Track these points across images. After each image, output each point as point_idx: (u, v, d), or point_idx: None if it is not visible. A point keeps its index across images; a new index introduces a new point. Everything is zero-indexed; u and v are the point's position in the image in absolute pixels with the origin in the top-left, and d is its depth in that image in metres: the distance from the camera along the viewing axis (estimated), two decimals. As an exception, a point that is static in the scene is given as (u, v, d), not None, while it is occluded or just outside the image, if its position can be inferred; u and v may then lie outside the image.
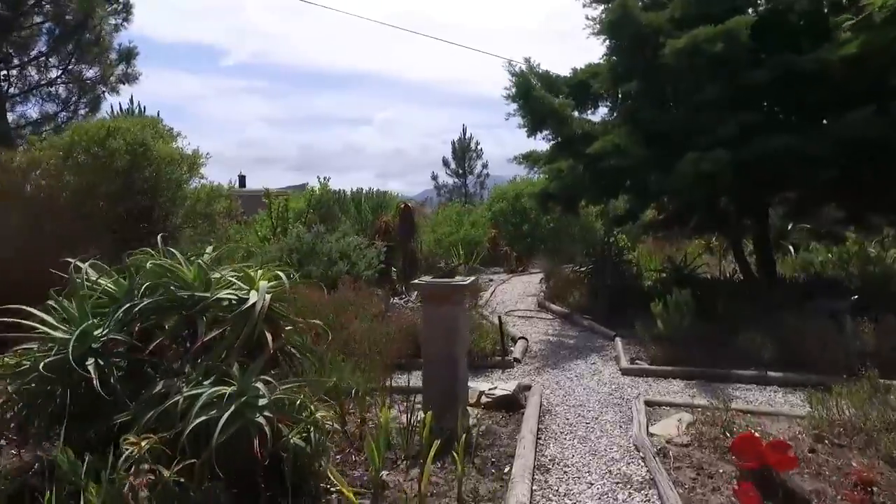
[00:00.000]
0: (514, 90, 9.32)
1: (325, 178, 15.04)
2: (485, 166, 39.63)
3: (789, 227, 14.84)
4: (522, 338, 7.93)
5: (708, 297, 8.60)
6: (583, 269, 11.44)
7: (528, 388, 5.83)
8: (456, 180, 40.39)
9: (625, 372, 6.44)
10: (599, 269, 10.28)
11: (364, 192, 13.89)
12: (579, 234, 19.70)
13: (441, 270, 16.24)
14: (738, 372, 6.07)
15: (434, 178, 39.96)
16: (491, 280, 15.59)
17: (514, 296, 12.80)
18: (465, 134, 40.40)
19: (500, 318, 7.35)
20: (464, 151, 40.20)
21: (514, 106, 9.69)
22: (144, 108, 30.78)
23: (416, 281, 4.79)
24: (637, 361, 6.64)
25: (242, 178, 35.23)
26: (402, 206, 11.30)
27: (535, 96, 9.18)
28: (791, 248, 14.28)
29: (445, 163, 40.40)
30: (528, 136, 9.79)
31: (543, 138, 10.06)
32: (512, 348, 7.61)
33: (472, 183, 40.22)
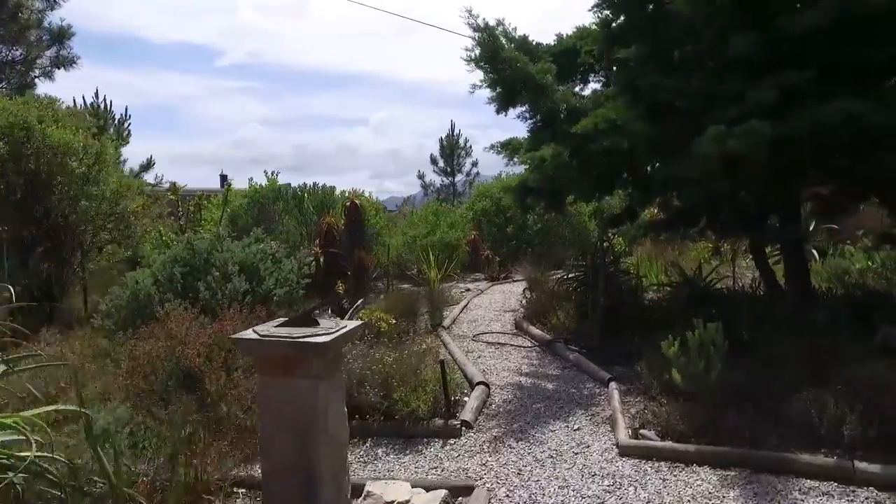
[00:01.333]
0: (477, 51, 7.09)
1: (273, 174, 12.88)
2: (474, 164, 37.37)
3: (811, 228, 12.65)
4: (482, 383, 5.70)
5: (732, 322, 6.43)
6: (570, 278, 9.21)
7: (468, 491, 3.59)
8: (444, 179, 38.14)
9: (624, 451, 4.20)
10: (590, 281, 8.05)
11: (308, 187, 11.67)
12: (571, 236, 17.51)
13: (412, 279, 14.06)
14: (801, 457, 3.83)
15: (421, 176, 37.73)
16: (467, 290, 13.37)
17: (490, 311, 10.58)
18: (453, 131, 38.15)
19: (442, 363, 5.12)
20: (452, 149, 37.95)
21: (480, 75, 7.47)
22: (110, 102, 28.69)
23: (239, 335, 2.61)
24: (643, 433, 4.38)
25: (224, 178, 33.02)
26: (349, 203, 9.07)
27: (505, 58, 6.97)
28: (815, 252, 12.08)
29: (433, 161, 38.13)
30: (499, 112, 7.58)
31: (519, 116, 7.85)
32: (466, 398, 5.39)
33: (462, 182, 37.99)
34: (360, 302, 8.03)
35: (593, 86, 9.00)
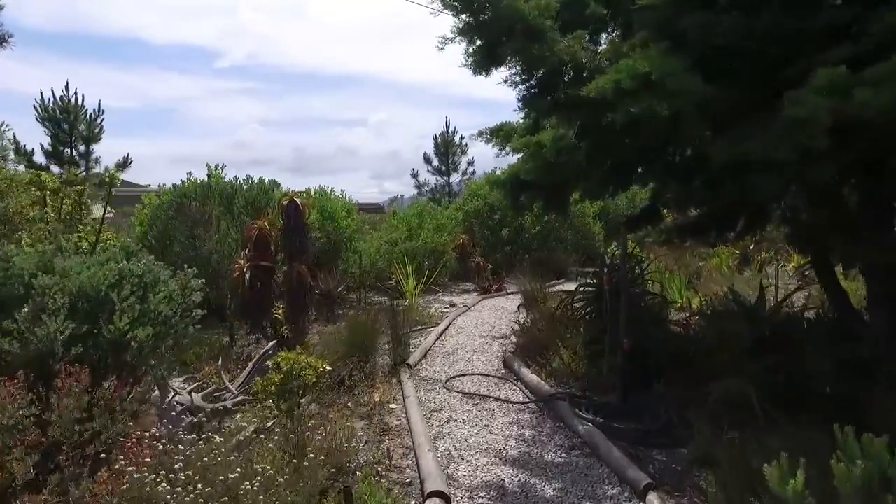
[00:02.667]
0: (445, -18, 4.85)
1: (218, 167, 10.58)
2: (470, 163, 35.08)
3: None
4: (438, 495, 3.42)
5: (815, 374, 4.27)
6: (577, 299, 6.99)
7: None
8: (439, 178, 35.86)
9: None
10: (605, 307, 5.78)
11: (240, 181, 9.40)
12: (573, 240, 15.28)
13: (390, 292, 11.85)
14: None
15: (415, 175, 35.43)
16: (451, 305, 11.13)
17: (474, 337, 8.34)
18: (447, 128, 35.84)
19: (345, 491, 2.88)
20: (447, 147, 35.66)
21: (452, 23, 5.23)
22: (82, 97, 26.41)
23: None
24: None
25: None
26: (286, 201, 6.84)
27: (483, -10, 4.74)
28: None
29: (427, 159, 35.83)
30: (478, 73, 5.32)
31: (507, 81, 5.59)
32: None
33: (458, 182, 35.71)
34: (270, 346, 5.79)
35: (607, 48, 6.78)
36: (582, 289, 6.85)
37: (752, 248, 12.02)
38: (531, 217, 14.76)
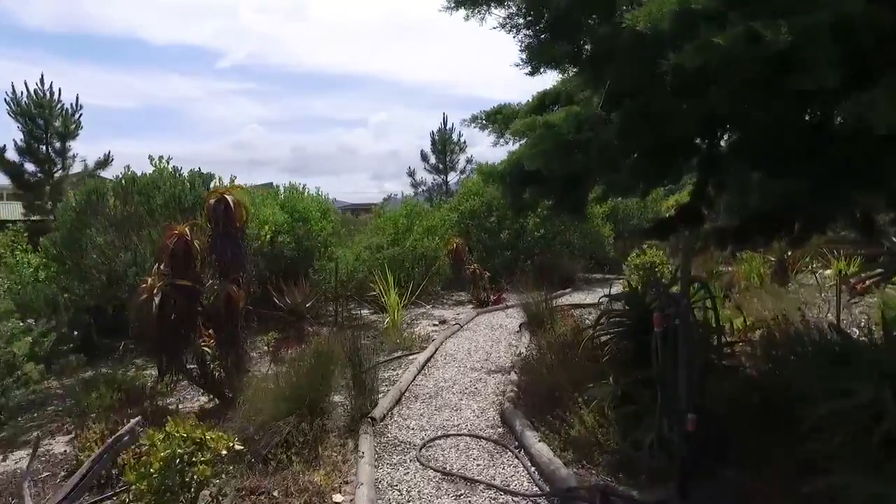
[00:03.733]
0: None
1: (163, 159, 8.83)
2: (469, 161, 33.29)
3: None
4: None
5: None
6: (601, 333, 5.25)
7: None
8: (436, 177, 34.12)
9: None
10: (656, 344, 3.98)
11: (166, 174, 7.63)
12: (580, 244, 13.52)
13: (373, 304, 10.13)
14: None
15: (411, 174, 33.71)
16: (441, 322, 9.39)
17: (466, 370, 6.60)
18: (445, 124, 34.09)
19: None
20: (444, 144, 33.88)
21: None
22: (59, 90, 24.69)
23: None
24: None
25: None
26: (213, 200, 5.09)
27: None
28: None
29: (424, 157, 34.07)
30: (460, 7, 3.61)
31: (505, 24, 3.87)
32: None
33: (455, 181, 33.93)
34: (132, 423, 3.98)
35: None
36: (608, 318, 5.09)
37: (789, 253, 10.27)
38: (534, 219, 13.02)
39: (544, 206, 6.01)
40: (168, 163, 8.11)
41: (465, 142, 34.65)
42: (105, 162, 25.37)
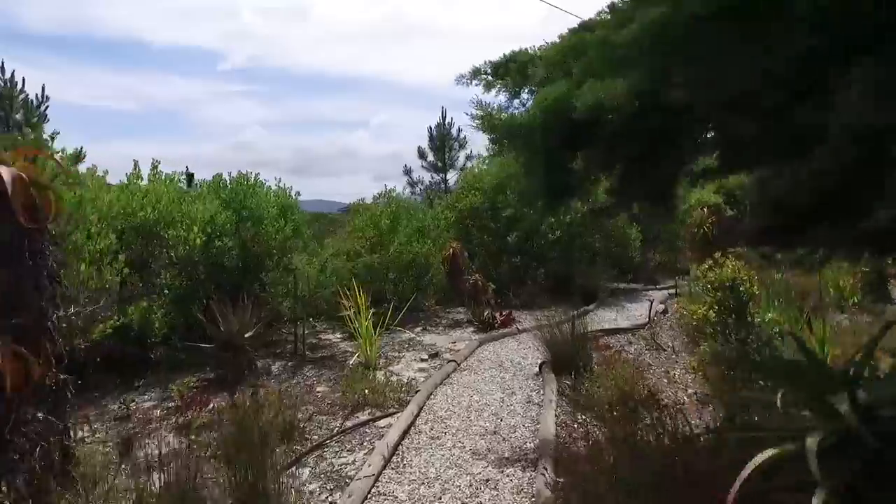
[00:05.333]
0: None
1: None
2: (469, 158, 30.71)
3: None
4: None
5: None
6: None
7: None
8: (434, 175, 31.59)
9: None
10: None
11: None
12: (604, 249, 11.04)
13: (337, 322, 7.67)
14: None
15: (407, 172, 31.11)
16: (433, 357, 6.90)
17: (465, 457, 4.10)
18: (444, 119, 31.54)
19: None
20: (443, 140, 31.32)
21: None
22: (23, 80, 22.30)
23: None
24: None
25: (190, 177, 26.67)
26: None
27: None
28: None
29: (421, 154, 31.52)
30: None
31: None
32: None
33: (455, 179, 31.40)
34: None
35: None
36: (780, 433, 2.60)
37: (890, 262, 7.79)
38: (554, 218, 10.54)
39: (605, 184, 3.56)
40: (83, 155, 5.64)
41: (465, 138, 32.03)
42: (77, 157, 22.86)
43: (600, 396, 4.54)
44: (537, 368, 6.01)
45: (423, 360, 6.77)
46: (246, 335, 6.39)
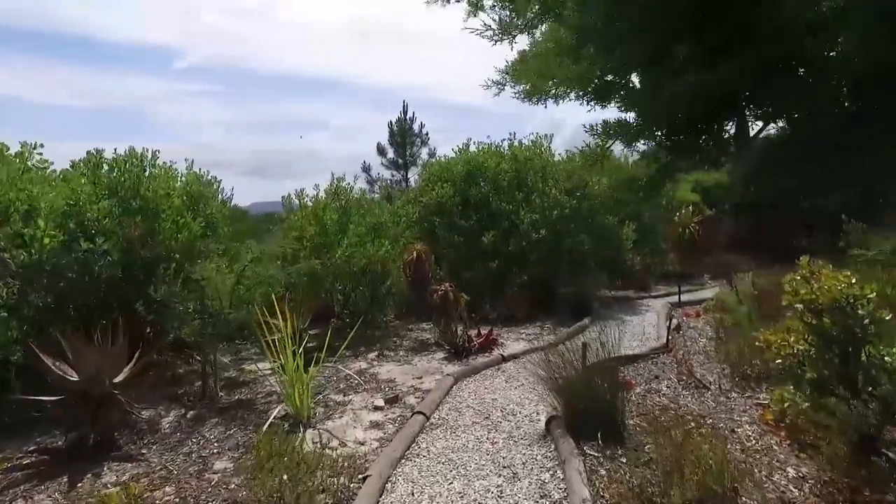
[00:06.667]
0: None
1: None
2: (431, 154, 28.78)
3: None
4: None
5: None
6: None
7: None
8: (394, 172, 29.52)
9: None
10: None
11: None
12: (593, 249, 9.24)
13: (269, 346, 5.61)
14: None
15: (366, 169, 28.87)
16: (390, 404, 4.89)
17: None
18: (405, 114, 29.61)
19: None
20: (404, 136, 29.34)
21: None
22: None
23: None
24: None
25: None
26: None
27: None
28: None
29: (381, 150, 29.43)
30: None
31: None
32: None
33: (416, 178, 29.35)
34: None
35: None
36: None
37: None
38: (531, 213, 8.70)
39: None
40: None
41: (426, 134, 30.14)
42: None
43: (661, 488, 2.66)
44: (543, 425, 4.10)
45: (377, 407, 4.77)
46: (116, 379, 4.30)
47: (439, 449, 3.84)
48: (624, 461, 3.43)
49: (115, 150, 5.85)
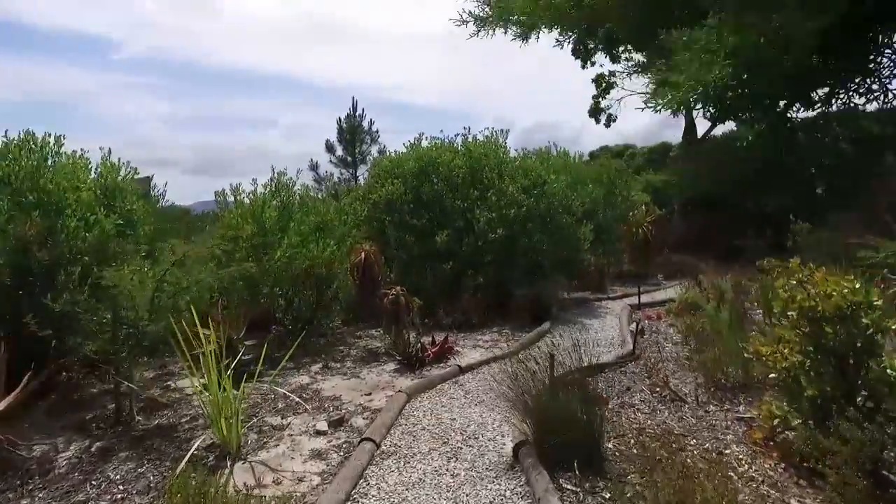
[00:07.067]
0: None
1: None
2: (382, 152, 28.01)
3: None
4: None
5: None
6: None
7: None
8: (343, 171, 28.63)
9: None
10: None
11: None
12: (552, 249, 8.84)
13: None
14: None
15: (313, 167, 27.89)
16: (334, 427, 4.26)
17: None
18: (354, 110, 28.77)
19: None
20: (353, 133, 28.48)
21: None
22: None
23: None
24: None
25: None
26: None
27: None
28: None
29: (329, 147, 28.44)
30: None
31: None
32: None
33: (366, 174, 28.55)
34: None
35: None
36: None
37: None
38: (487, 213, 8.22)
39: None
40: None
41: (377, 131, 29.38)
42: None
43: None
44: (510, 450, 3.57)
45: (320, 431, 4.14)
46: (-5, 409, 3.52)
47: (391, 486, 3.26)
48: (607, 496, 2.94)
49: (6, 132, 4.98)
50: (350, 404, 4.70)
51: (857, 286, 3.02)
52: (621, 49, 17.82)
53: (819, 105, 15.62)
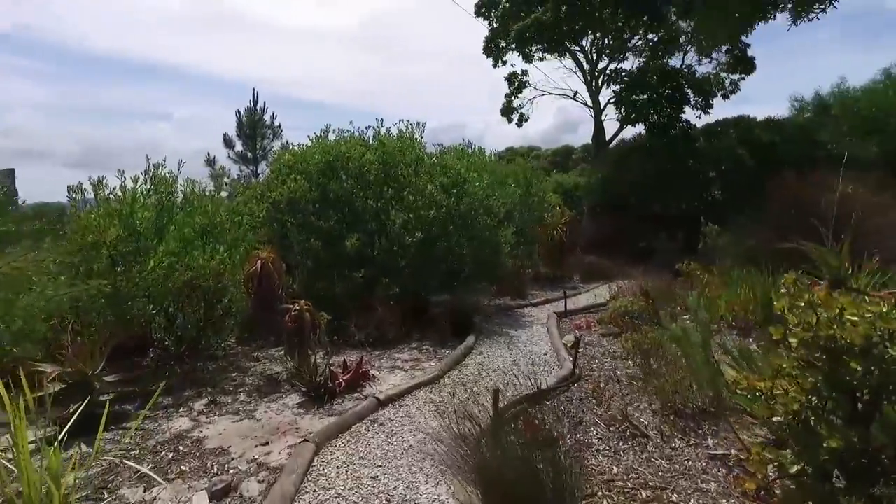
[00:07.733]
0: None
1: None
2: (284, 147, 26.24)
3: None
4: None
5: None
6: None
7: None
8: (243, 167, 26.61)
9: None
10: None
11: None
12: (472, 254, 8.11)
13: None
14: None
15: (210, 162, 25.71)
16: (217, 499, 3.23)
17: None
18: (255, 103, 26.84)
19: None
20: (254, 126, 26.55)
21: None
22: None
23: None
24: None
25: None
26: None
27: None
28: None
29: (228, 142, 26.35)
30: None
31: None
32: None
33: (266, 171, 26.71)
34: None
35: None
36: None
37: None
38: (403, 214, 7.35)
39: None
40: None
41: (279, 126, 27.58)
42: None
43: None
44: (453, 530, 2.73)
45: (194, 507, 3.09)
46: None
47: None
48: None
49: None
50: (241, 460, 3.66)
51: (885, 310, 2.44)
52: (534, 48, 17.54)
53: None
